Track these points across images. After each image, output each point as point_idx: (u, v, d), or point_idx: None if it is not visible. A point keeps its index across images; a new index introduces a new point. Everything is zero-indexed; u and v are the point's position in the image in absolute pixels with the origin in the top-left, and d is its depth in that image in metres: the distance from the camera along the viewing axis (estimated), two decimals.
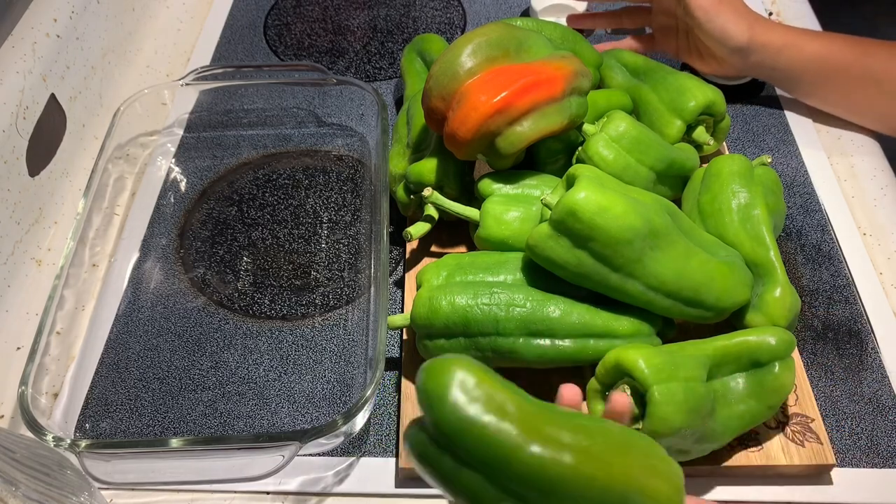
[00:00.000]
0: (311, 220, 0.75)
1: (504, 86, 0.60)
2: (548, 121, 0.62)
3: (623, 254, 0.54)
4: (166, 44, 0.95)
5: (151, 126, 0.83)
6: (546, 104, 0.61)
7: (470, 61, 0.61)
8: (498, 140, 0.61)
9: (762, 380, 0.54)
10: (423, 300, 0.57)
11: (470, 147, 0.62)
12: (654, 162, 0.65)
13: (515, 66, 0.62)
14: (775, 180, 0.66)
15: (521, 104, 0.60)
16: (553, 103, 0.62)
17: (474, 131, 0.60)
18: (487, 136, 0.61)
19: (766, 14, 0.97)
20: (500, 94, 0.60)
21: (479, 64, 0.61)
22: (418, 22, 0.98)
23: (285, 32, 0.97)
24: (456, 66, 0.61)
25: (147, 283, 0.71)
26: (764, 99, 0.86)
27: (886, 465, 0.58)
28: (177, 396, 0.63)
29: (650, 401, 0.50)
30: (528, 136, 0.61)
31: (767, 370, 0.55)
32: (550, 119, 0.62)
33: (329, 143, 0.83)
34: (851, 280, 0.70)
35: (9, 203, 0.68)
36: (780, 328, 0.56)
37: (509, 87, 0.60)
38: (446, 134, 0.62)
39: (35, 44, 0.75)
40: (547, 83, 0.61)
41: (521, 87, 0.60)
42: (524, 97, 0.60)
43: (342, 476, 0.59)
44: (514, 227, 0.62)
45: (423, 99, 0.64)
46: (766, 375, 0.55)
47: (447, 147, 0.64)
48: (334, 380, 0.64)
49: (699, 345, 0.55)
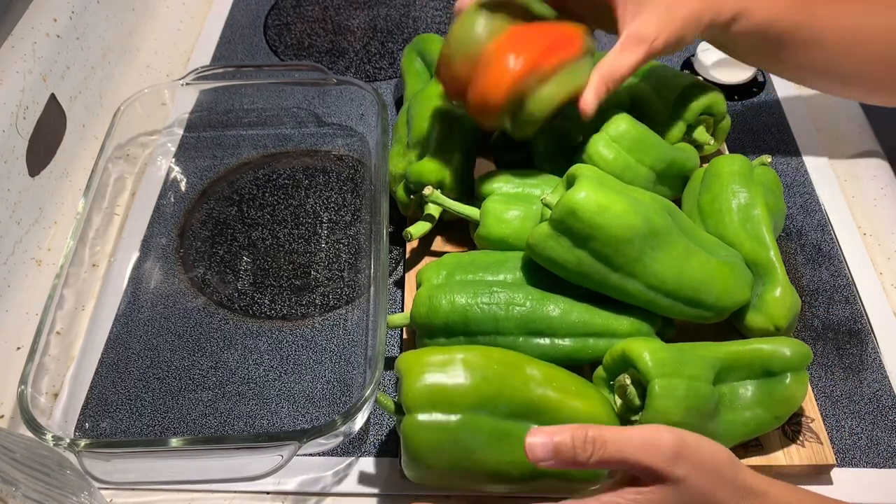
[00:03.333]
0: (311, 220, 0.75)
1: (530, 45, 0.59)
2: (573, 80, 0.61)
3: (623, 253, 0.54)
4: (166, 44, 0.95)
5: (151, 126, 0.83)
6: (570, 63, 0.60)
7: (490, 22, 0.59)
8: (528, 102, 0.60)
9: (772, 390, 0.54)
10: (423, 299, 0.57)
11: (500, 111, 0.60)
12: (655, 162, 0.65)
13: (533, 25, 0.60)
14: (775, 180, 0.66)
15: (548, 63, 0.59)
16: (574, 62, 0.61)
17: (507, 92, 0.58)
18: (518, 97, 0.59)
19: None
20: (529, 54, 0.58)
21: (499, 24, 0.59)
22: (418, 22, 0.98)
23: (285, 32, 0.97)
24: (476, 27, 0.59)
25: (147, 283, 0.71)
26: (764, 99, 0.86)
27: (886, 465, 0.58)
28: (177, 396, 0.63)
29: (650, 393, 0.50)
30: (557, 96, 0.60)
31: (778, 380, 0.55)
32: (575, 78, 0.61)
33: (329, 143, 0.83)
34: (851, 280, 0.70)
35: (9, 203, 0.68)
36: (797, 340, 0.56)
37: (535, 47, 0.59)
38: (474, 99, 0.60)
39: (35, 44, 0.75)
40: (568, 42, 0.60)
41: (546, 46, 0.59)
42: (551, 56, 0.59)
43: (341, 476, 0.59)
44: (514, 226, 0.62)
45: (442, 68, 0.61)
46: (776, 385, 0.54)
47: (473, 114, 0.62)
48: (334, 380, 0.64)
49: (711, 347, 0.55)
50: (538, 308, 0.56)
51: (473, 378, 0.50)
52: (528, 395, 0.50)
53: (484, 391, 0.49)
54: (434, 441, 0.49)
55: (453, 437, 0.49)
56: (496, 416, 0.50)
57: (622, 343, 0.53)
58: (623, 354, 0.52)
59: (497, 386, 0.50)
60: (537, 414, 0.51)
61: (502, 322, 0.56)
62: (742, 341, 0.56)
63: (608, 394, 0.54)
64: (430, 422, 0.49)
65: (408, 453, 0.50)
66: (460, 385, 0.49)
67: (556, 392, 0.51)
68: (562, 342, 0.56)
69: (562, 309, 0.56)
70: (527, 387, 0.51)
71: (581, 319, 0.56)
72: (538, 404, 0.50)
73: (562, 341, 0.56)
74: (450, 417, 0.49)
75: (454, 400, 0.49)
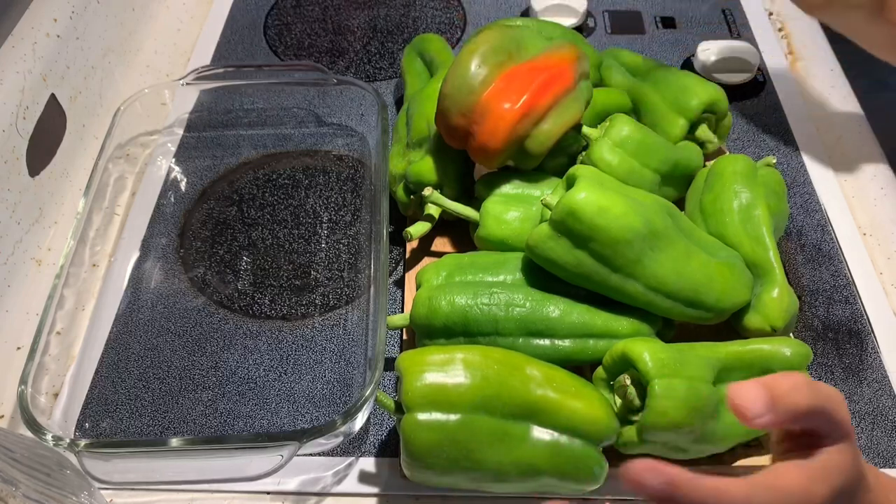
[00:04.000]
0: (311, 220, 0.75)
1: (523, 89, 0.60)
2: (569, 112, 0.63)
3: (623, 254, 0.54)
4: (166, 44, 0.95)
5: (151, 126, 0.83)
6: (564, 97, 0.62)
7: (482, 71, 0.60)
8: (527, 142, 0.62)
9: None
10: (423, 300, 0.57)
11: (502, 156, 0.62)
12: (659, 164, 0.65)
13: (523, 65, 0.62)
14: (779, 181, 0.65)
15: (543, 103, 0.61)
16: (569, 94, 0.62)
17: (505, 140, 0.61)
18: (517, 141, 0.61)
19: (766, 14, 0.97)
20: (522, 98, 0.60)
21: (491, 72, 0.61)
22: (418, 22, 0.98)
23: (285, 32, 0.97)
24: (469, 79, 0.60)
25: (147, 283, 0.71)
26: (764, 98, 0.86)
27: (886, 465, 0.58)
28: (177, 396, 0.63)
29: (650, 394, 0.50)
30: (555, 132, 0.62)
31: None
32: (571, 110, 0.63)
33: (329, 143, 0.83)
34: (851, 280, 0.70)
35: (9, 203, 0.68)
36: (797, 340, 0.56)
37: (528, 89, 0.60)
38: (475, 148, 0.62)
39: (35, 44, 0.75)
40: (559, 76, 0.62)
41: (538, 86, 0.61)
42: (544, 95, 0.61)
43: (341, 476, 0.59)
44: (514, 226, 0.62)
45: (440, 119, 0.63)
46: None
47: (477, 161, 0.64)
48: (334, 380, 0.64)
49: (711, 347, 0.55)
50: (538, 309, 0.56)
51: (473, 378, 0.50)
52: (527, 396, 0.50)
53: (484, 391, 0.50)
54: (434, 441, 0.49)
55: (453, 437, 0.49)
56: (496, 416, 0.50)
57: (622, 343, 0.53)
58: (623, 355, 0.52)
59: (497, 386, 0.50)
60: (537, 414, 0.51)
61: (502, 323, 0.56)
62: (742, 341, 0.56)
63: (608, 394, 0.54)
64: (430, 421, 0.49)
65: (407, 453, 0.50)
66: (460, 385, 0.49)
67: (555, 392, 0.51)
68: (562, 343, 0.56)
69: (562, 310, 0.56)
70: (527, 387, 0.51)
71: (581, 320, 0.56)
72: (538, 404, 0.50)
73: (562, 342, 0.56)
74: (449, 417, 0.49)
75: (454, 400, 0.49)
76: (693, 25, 0.96)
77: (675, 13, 0.97)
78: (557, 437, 0.51)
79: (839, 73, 0.89)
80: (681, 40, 0.93)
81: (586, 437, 0.51)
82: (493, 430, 0.50)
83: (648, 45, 0.93)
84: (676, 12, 0.97)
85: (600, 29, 0.95)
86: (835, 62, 0.91)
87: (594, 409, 0.52)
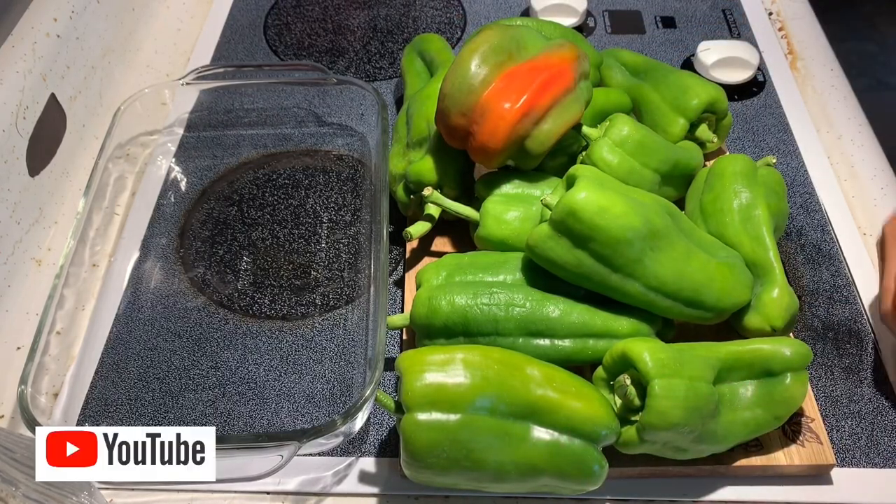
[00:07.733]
0: (311, 220, 0.75)
1: (523, 88, 0.60)
2: (569, 112, 0.63)
3: (623, 254, 0.54)
4: (166, 44, 0.95)
5: (152, 126, 0.83)
6: (563, 96, 0.62)
7: (482, 71, 0.60)
8: (527, 142, 0.62)
9: (772, 390, 0.54)
10: (423, 300, 0.57)
11: (502, 156, 0.62)
12: (659, 164, 0.65)
13: (523, 65, 0.62)
14: (779, 181, 0.65)
15: (543, 102, 0.61)
16: (569, 94, 0.63)
17: (505, 140, 0.61)
18: (517, 141, 0.61)
19: (766, 14, 0.97)
20: (522, 98, 0.60)
21: (491, 72, 0.61)
22: (418, 22, 0.98)
23: (285, 32, 0.97)
24: (469, 78, 0.60)
25: (147, 283, 0.71)
26: (764, 98, 0.86)
27: (886, 465, 0.58)
28: (177, 396, 0.63)
29: (650, 393, 0.50)
30: (555, 132, 0.62)
31: (779, 380, 0.55)
32: (571, 110, 0.63)
33: (329, 143, 0.83)
34: (851, 280, 0.70)
35: (9, 203, 0.68)
36: (797, 340, 0.56)
37: (528, 89, 0.60)
38: (475, 148, 0.62)
39: (35, 44, 0.75)
40: (559, 76, 0.62)
41: (538, 86, 0.61)
42: (544, 95, 0.61)
43: (341, 476, 0.59)
44: (514, 226, 0.62)
45: (440, 119, 0.63)
46: (776, 386, 0.54)
47: (477, 160, 0.64)
48: (334, 380, 0.64)
49: (711, 347, 0.55)
50: (538, 309, 0.56)
51: (473, 378, 0.50)
52: (527, 396, 0.50)
53: (484, 391, 0.50)
54: (433, 440, 0.49)
55: (453, 437, 0.49)
56: (496, 416, 0.50)
57: (622, 343, 0.53)
58: (623, 355, 0.52)
59: (497, 386, 0.50)
60: (537, 414, 0.51)
61: (502, 323, 0.56)
62: (742, 341, 0.56)
63: (608, 394, 0.54)
64: (430, 421, 0.49)
65: (407, 452, 0.50)
66: (460, 384, 0.49)
67: (555, 392, 0.51)
68: (562, 343, 0.56)
69: (561, 310, 0.56)
70: (526, 387, 0.51)
71: (581, 320, 0.56)
72: (538, 404, 0.50)
73: (562, 342, 0.56)
74: (449, 417, 0.49)
75: (454, 399, 0.49)
76: (693, 25, 0.96)
77: (675, 13, 0.97)
78: (557, 436, 0.51)
79: (839, 73, 0.89)
80: (681, 40, 0.94)
81: (586, 436, 0.51)
82: (494, 430, 0.50)
83: (648, 44, 0.93)
84: (676, 12, 0.98)
85: (600, 29, 0.95)
86: (835, 62, 0.91)
87: (594, 408, 0.52)
